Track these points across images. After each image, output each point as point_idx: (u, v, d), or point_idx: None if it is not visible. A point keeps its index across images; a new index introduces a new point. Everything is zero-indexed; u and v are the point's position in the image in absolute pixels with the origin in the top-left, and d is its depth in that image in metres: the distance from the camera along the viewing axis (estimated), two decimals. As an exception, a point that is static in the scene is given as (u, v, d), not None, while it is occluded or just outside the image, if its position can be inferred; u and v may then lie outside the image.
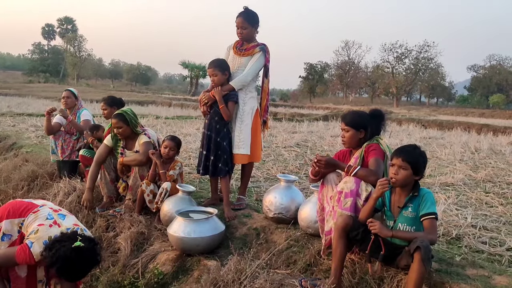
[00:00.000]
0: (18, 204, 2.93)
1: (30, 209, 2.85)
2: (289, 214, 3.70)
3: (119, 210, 4.34)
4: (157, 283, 3.41)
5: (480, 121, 19.68)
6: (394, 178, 2.62)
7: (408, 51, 60.59)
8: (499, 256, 3.19)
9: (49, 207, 2.94)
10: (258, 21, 4.12)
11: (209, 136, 4.08)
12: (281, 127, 13.12)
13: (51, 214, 2.84)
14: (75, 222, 2.94)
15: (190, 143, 8.30)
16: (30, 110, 15.51)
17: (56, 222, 2.80)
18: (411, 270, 2.39)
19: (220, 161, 4.04)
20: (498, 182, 5.83)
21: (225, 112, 3.98)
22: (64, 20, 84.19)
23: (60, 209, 3.00)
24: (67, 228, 2.78)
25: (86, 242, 2.65)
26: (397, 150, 2.70)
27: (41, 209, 2.88)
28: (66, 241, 2.61)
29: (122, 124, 4.33)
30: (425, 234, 2.51)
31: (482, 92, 61.72)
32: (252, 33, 4.11)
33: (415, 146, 2.73)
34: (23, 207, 2.87)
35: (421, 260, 2.33)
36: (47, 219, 2.79)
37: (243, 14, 4.06)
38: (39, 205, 2.92)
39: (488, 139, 11.37)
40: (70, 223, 2.86)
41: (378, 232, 2.58)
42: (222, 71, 4.03)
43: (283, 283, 2.85)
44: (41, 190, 5.33)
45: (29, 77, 71.54)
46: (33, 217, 2.80)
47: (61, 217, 2.87)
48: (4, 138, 9.00)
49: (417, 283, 2.36)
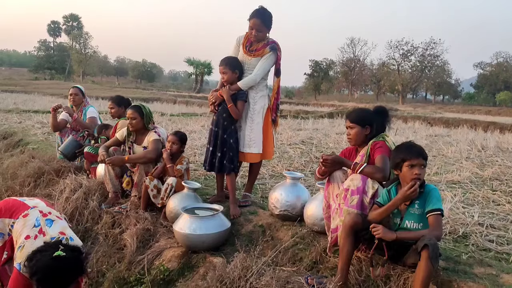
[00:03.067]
0: (11, 203, 2.88)
1: (21, 211, 2.79)
2: (295, 212, 3.69)
3: (124, 206, 4.35)
4: (163, 280, 3.42)
5: (486, 118, 19.54)
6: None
7: (414, 48, 60.42)
8: (507, 254, 3.17)
9: (39, 210, 2.85)
10: (272, 22, 4.02)
11: (216, 132, 4.07)
12: (286, 124, 13.09)
13: (39, 220, 2.76)
14: (62, 229, 2.82)
15: (195, 140, 8.30)
16: (36, 107, 15.58)
17: (42, 230, 2.72)
18: (418, 268, 2.37)
19: (225, 158, 4.03)
20: (505, 180, 5.78)
21: (234, 111, 3.97)
22: (69, 17, 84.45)
23: (49, 212, 2.90)
24: (52, 237, 2.69)
25: (68, 251, 2.52)
26: (400, 147, 2.76)
27: (31, 212, 2.80)
28: (47, 251, 2.50)
29: (137, 115, 4.43)
30: (429, 231, 2.49)
31: (489, 89, 61.39)
32: (265, 35, 4.02)
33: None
34: (15, 207, 2.82)
35: (428, 258, 2.31)
36: (34, 227, 2.72)
37: (259, 15, 3.90)
38: (30, 206, 2.85)
39: (494, 137, 11.28)
40: (56, 231, 2.76)
41: (382, 236, 2.55)
42: (232, 69, 4.00)
43: (289, 280, 2.84)
44: (48, 187, 5.35)
45: (35, 74, 71.96)
46: (22, 223, 2.74)
47: (49, 223, 2.78)
48: (10, 134, 9.05)
49: (424, 281, 2.34)
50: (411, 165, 2.59)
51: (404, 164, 2.63)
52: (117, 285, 3.61)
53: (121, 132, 4.65)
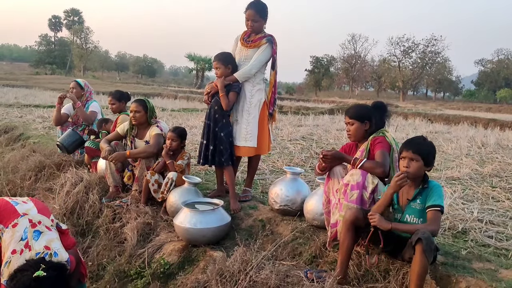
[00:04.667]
0: (3, 206, 2.75)
1: (11, 219, 2.68)
2: (295, 206, 3.71)
3: (125, 200, 4.37)
4: (163, 273, 3.44)
5: (487, 115, 19.54)
6: (406, 171, 2.60)
7: (415, 45, 60.18)
8: (506, 250, 3.18)
9: (29, 219, 2.71)
10: (268, 13, 4.10)
11: (208, 125, 4.09)
12: (287, 120, 13.10)
13: (26, 232, 2.65)
14: (48, 242, 2.68)
15: (196, 135, 8.31)
16: (37, 102, 15.59)
17: (28, 244, 2.62)
18: (414, 262, 2.39)
19: (217, 151, 4.04)
20: (505, 176, 5.80)
21: (224, 101, 3.96)
22: (70, 12, 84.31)
23: (39, 222, 2.74)
24: (37, 253, 2.58)
25: (50, 270, 2.40)
26: (407, 143, 2.70)
27: (20, 221, 2.68)
28: (27, 270, 2.40)
29: (141, 109, 4.45)
30: (425, 226, 2.51)
31: (490, 86, 61.28)
32: (262, 25, 4.09)
33: (424, 137, 2.72)
34: (6, 213, 2.70)
35: (423, 252, 2.33)
36: (21, 240, 2.62)
37: (254, 6, 4.03)
38: (20, 214, 2.71)
39: (495, 134, 11.29)
40: (41, 246, 2.64)
41: (377, 224, 2.58)
42: (225, 64, 4.04)
43: (288, 274, 2.86)
44: (48, 181, 5.37)
45: (35, 68, 71.79)
46: (10, 234, 2.64)
47: (36, 235, 2.67)
48: (11, 129, 9.06)
49: (420, 275, 2.36)
50: (402, 157, 2.66)
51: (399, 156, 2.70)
52: (117, 278, 3.64)
53: (122, 126, 4.65)
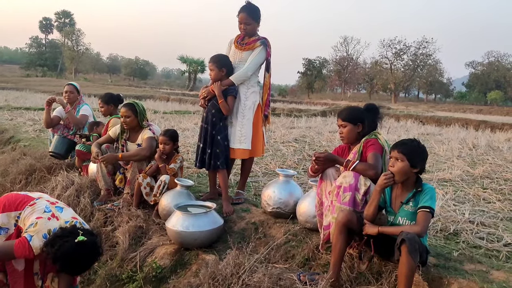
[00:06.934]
0: (14, 197, 2.88)
1: (26, 202, 2.81)
2: (288, 209, 3.70)
3: (117, 204, 4.33)
4: (155, 277, 3.41)
5: (478, 117, 19.68)
6: (391, 170, 2.62)
7: (407, 47, 60.67)
8: (497, 251, 3.20)
9: (46, 200, 2.89)
10: (260, 16, 4.11)
11: (205, 129, 4.08)
12: (280, 122, 13.11)
13: (49, 207, 2.80)
14: (73, 215, 2.91)
15: (188, 138, 8.29)
16: (28, 104, 15.46)
17: (54, 215, 2.76)
18: (400, 263, 2.40)
19: (213, 155, 4.03)
20: (496, 178, 5.84)
21: (224, 107, 3.97)
22: (62, 14, 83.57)
23: (56, 202, 2.96)
24: (66, 221, 2.75)
25: (87, 235, 2.62)
26: (395, 143, 2.72)
27: (38, 201, 2.83)
28: (68, 236, 2.57)
29: (130, 113, 4.41)
30: (410, 227, 2.52)
31: (480, 88, 61.80)
32: (255, 28, 4.09)
33: (414, 139, 2.73)
34: (19, 200, 2.83)
35: (408, 253, 2.34)
36: (45, 212, 2.75)
37: (246, 9, 4.03)
38: (35, 198, 2.87)
39: (486, 136, 11.38)
40: (68, 216, 2.82)
41: (365, 231, 2.63)
42: (219, 67, 4.03)
43: (281, 277, 2.85)
44: (39, 184, 5.32)
45: (26, 71, 71.34)
46: (30, 210, 2.76)
47: (59, 209, 2.83)
48: (1, 131, 8.98)
49: (407, 276, 2.36)
50: (390, 157, 2.70)
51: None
52: (109, 282, 3.60)
53: (114, 129, 4.62)
